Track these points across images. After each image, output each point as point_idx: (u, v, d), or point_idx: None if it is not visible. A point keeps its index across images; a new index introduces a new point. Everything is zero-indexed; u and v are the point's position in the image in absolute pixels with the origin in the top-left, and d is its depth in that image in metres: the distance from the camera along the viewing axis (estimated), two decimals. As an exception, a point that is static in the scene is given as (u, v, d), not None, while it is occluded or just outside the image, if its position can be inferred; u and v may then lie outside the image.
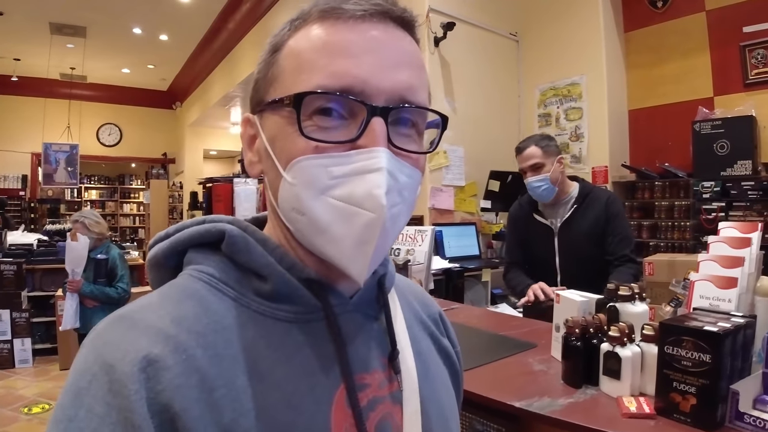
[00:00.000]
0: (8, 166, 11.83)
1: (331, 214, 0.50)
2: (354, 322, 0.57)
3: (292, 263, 0.55)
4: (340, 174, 0.50)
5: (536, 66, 4.77)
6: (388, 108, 0.51)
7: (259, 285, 0.54)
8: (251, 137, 0.60)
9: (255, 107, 0.58)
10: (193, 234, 0.57)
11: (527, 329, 1.75)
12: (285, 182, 0.52)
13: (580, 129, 4.43)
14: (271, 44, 0.57)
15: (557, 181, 2.34)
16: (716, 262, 1.31)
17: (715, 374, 0.97)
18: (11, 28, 8.89)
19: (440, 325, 0.75)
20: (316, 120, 0.51)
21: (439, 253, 3.78)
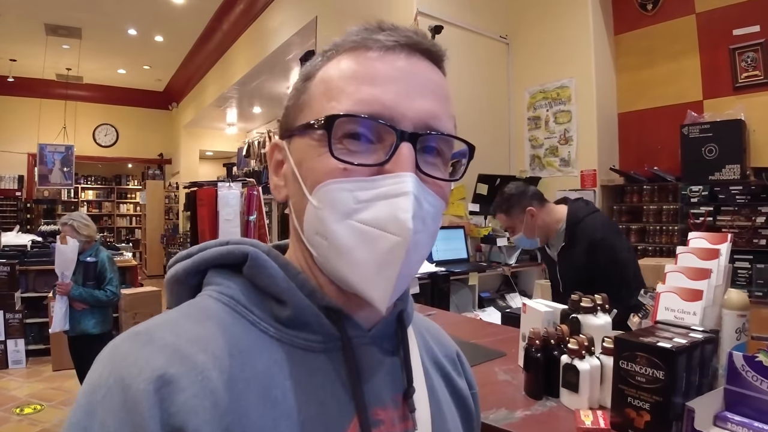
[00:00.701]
0: (4, 167, 11.83)
1: (354, 237, 0.50)
2: (371, 356, 0.57)
3: (313, 290, 0.55)
4: (366, 198, 0.50)
5: (526, 68, 4.76)
6: (417, 134, 0.52)
7: (278, 310, 0.54)
8: (278, 162, 0.60)
9: (284, 133, 0.59)
10: (215, 254, 0.58)
11: (501, 337, 1.74)
12: (310, 206, 0.53)
13: (569, 132, 4.42)
14: (304, 73, 0.58)
15: (534, 231, 2.37)
16: (683, 274, 1.30)
17: (668, 391, 0.96)
18: (6, 29, 8.89)
19: (457, 365, 0.75)
20: (346, 143, 0.52)
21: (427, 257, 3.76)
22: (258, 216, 2.96)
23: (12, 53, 10.29)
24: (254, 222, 2.89)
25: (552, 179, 4.50)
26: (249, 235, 2.90)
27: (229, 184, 2.91)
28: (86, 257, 3.62)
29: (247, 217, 2.89)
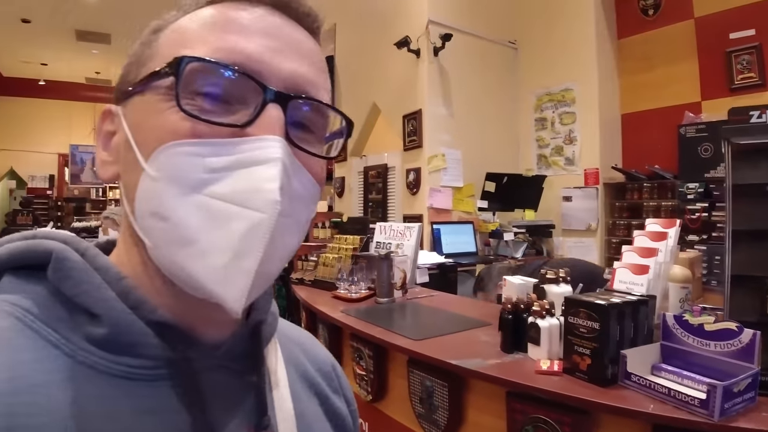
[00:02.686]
0: (36, 167, 12.34)
1: (203, 216, 0.39)
2: (219, 382, 0.45)
3: (140, 301, 0.42)
4: (220, 165, 0.40)
5: (533, 72, 5.00)
6: (289, 95, 0.42)
7: (91, 328, 0.41)
8: (108, 134, 0.47)
9: (119, 96, 0.47)
10: (12, 252, 0.44)
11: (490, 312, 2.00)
12: (145, 177, 0.41)
13: (573, 133, 4.65)
14: (151, 28, 0.47)
15: None
16: (635, 252, 1.56)
17: (603, 339, 1.22)
18: (37, 35, 9.33)
19: (333, 380, 0.64)
20: (199, 101, 0.41)
21: (436, 250, 4.03)
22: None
23: (43, 58, 10.75)
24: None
25: (557, 177, 4.74)
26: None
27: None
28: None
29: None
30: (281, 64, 0.43)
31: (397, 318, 2.02)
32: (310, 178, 0.44)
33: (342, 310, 2.06)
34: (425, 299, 2.31)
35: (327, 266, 2.61)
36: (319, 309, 2.12)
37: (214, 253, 0.38)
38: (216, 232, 0.39)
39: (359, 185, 5.35)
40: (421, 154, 4.34)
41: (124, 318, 0.41)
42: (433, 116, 4.35)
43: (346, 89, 5.71)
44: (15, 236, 0.46)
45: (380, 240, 2.74)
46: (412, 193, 4.43)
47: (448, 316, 1.96)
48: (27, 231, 0.48)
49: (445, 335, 1.66)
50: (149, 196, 0.40)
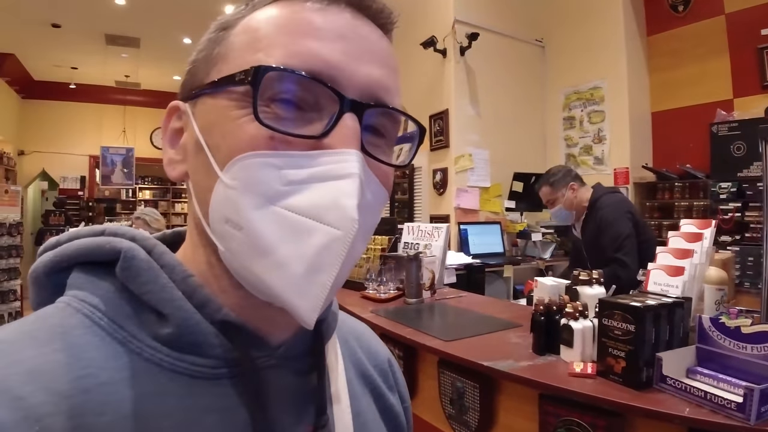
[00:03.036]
0: (67, 168, 12.63)
1: (280, 228, 0.39)
2: (280, 381, 0.46)
3: (206, 300, 0.43)
4: (298, 179, 0.39)
5: (561, 71, 4.95)
6: (365, 104, 0.42)
7: (157, 326, 0.41)
8: (176, 131, 0.47)
9: (188, 94, 0.46)
10: (80, 248, 0.44)
11: (521, 313, 1.99)
12: (220, 185, 0.41)
13: (603, 131, 4.59)
14: (219, 24, 0.46)
15: (572, 206, 2.72)
16: (670, 254, 1.54)
17: (638, 342, 1.21)
18: (67, 40, 9.55)
19: (389, 376, 0.63)
20: (274, 108, 0.40)
21: (463, 250, 4.02)
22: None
23: (73, 62, 11.00)
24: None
25: (586, 177, 4.59)
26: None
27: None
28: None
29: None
30: (358, 70, 0.42)
31: (426, 318, 2.03)
32: (380, 186, 0.44)
33: (371, 311, 2.08)
34: (454, 300, 2.31)
35: (355, 266, 2.64)
36: (348, 309, 2.14)
37: (290, 266, 0.38)
38: (293, 245, 0.39)
39: (385, 185, 5.36)
40: (448, 154, 4.34)
41: (190, 317, 0.42)
42: (460, 116, 4.34)
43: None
44: (84, 230, 0.47)
45: (408, 240, 2.75)
46: (438, 194, 4.43)
47: (477, 317, 1.96)
48: (96, 226, 0.48)
49: (475, 336, 1.66)
50: (224, 204, 0.41)
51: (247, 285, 0.42)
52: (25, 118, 12.39)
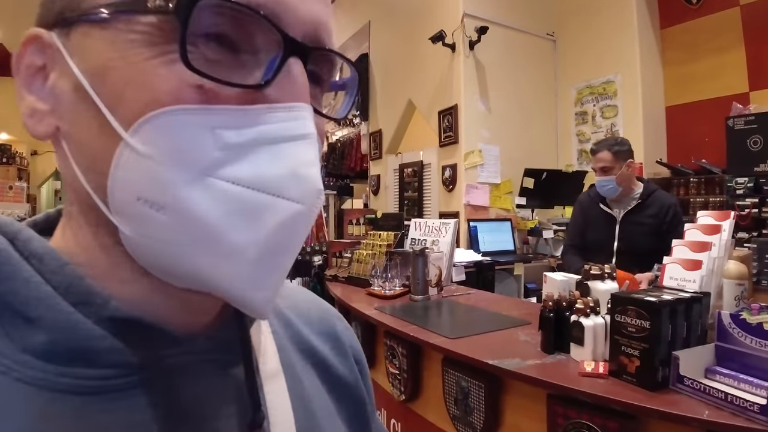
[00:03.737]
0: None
1: (223, 207, 0.30)
2: (202, 380, 0.37)
3: (88, 293, 0.33)
4: (239, 142, 0.31)
5: (573, 65, 4.85)
6: (309, 47, 0.34)
7: (27, 334, 0.31)
8: (37, 70, 0.34)
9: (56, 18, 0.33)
10: None
11: (529, 310, 1.92)
12: (127, 151, 0.30)
13: (616, 126, 4.49)
14: None
15: (623, 182, 2.57)
16: (687, 247, 1.46)
17: (654, 339, 1.14)
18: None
19: (338, 340, 0.54)
20: (203, 48, 0.31)
21: (473, 247, 3.95)
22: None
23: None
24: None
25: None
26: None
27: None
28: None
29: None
30: (303, 6, 0.33)
31: (432, 316, 1.97)
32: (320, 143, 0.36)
33: (376, 307, 2.02)
34: (461, 297, 2.25)
35: (361, 263, 2.58)
36: (353, 306, 2.09)
37: (242, 254, 0.30)
38: (243, 227, 0.30)
39: (395, 183, 5.30)
40: (458, 150, 4.26)
41: (66, 318, 0.31)
42: (470, 111, 4.27)
43: (382, 87, 5.67)
44: None
45: (415, 236, 2.69)
46: (448, 190, 4.36)
47: (485, 315, 1.89)
48: None
49: (482, 334, 1.59)
50: (136, 177, 0.30)
51: (163, 274, 0.33)
52: (38, 119, 12.49)
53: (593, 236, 2.70)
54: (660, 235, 2.44)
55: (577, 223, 2.85)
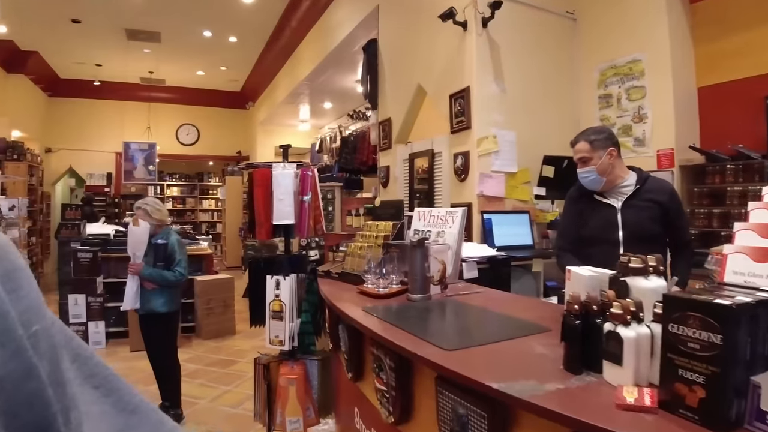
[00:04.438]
0: (94, 165, 12.72)
1: None
2: None
3: None
4: None
5: (595, 45, 4.47)
6: None
7: None
8: None
9: None
10: None
11: (549, 314, 1.58)
12: None
13: (643, 109, 4.10)
14: None
15: (605, 172, 2.45)
16: (755, 231, 1.11)
17: (727, 361, 0.80)
18: (89, 36, 9.50)
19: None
20: None
21: (487, 242, 3.62)
22: (313, 196, 2.93)
23: (97, 58, 10.99)
24: (309, 202, 2.87)
25: (626, 160, 4.14)
26: (303, 215, 2.88)
27: (284, 164, 2.90)
28: (157, 239, 3.77)
29: (301, 196, 2.87)
30: None
31: (429, 319, 1.64)
32: None
33: (365, 309, 1.70)
34: (468, 297, 1.91)
35: (355, 257, 2.26)
36: (337, 306, 1.77)
37: None
38: None
39: (405, 174, 4.97)
40: (470, 136, 3.92)
41: None
42: (483, 94, 3.92)
43: (390, 74, 5.34)
44: None
45: (418, 227, 2.36)
46: (460, 180, 4.01)
47: (494, 319, 1.56)
48: None
49: (487, 344, 1.26)
50: None
51: None
52: (51, 116, 12.50)
53: (593, 229, 2.51)
54: (665, 222, 2.37)
55: (571, 220, 2.65)
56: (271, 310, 2.86)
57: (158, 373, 3.85)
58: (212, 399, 4.29)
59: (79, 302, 5.81)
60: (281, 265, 2.87)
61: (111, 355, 5.54)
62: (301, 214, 2.94)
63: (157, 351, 3.82)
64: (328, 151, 9.68)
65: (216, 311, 6.44)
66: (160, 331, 3.78)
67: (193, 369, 5.12)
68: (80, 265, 5.81)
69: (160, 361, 3.83)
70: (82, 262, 5.81)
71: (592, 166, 2.44)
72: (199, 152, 14.19)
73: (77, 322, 5.78)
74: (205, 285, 6.39)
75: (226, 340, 6.26)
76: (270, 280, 2.86)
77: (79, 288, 5.79)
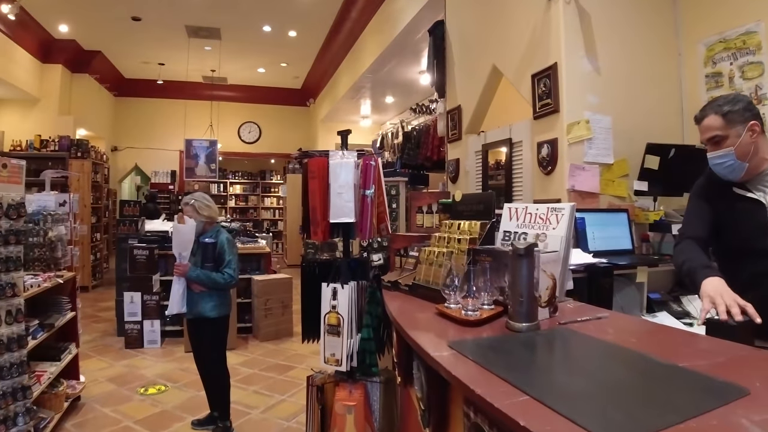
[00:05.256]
0: (159, 163, 12.92)
1: None
2: None
3: None
4: None
5: (699, 15, 3.80)
6: None
7: None
8: None
9: None
10: None
11: (723, 358, 1.07)
12: None
13: (762, 89, 3.42)
14: None
15: (748, 155, 1.80)
16: None
17: None
18: (151, 33, 9.53)
19: None
20: None
21: (580, 245, 3.08)
22: (377, 191, 2.49)
23: (159, 58, 11.08)
24: (371, 197, 2.43)
25: (744, 149, 3.52)
26: (365, 212, 2.45)
27: (342, 153, 2.47)
28: (205, 238, 3.48)
29: (363, 190, 2.44)
30: None
31: (555, 368, 1.12)
32: None
33: (452, 345, 1.22)
34: (590, 325, 1.39)
35: (432, 265, 1.80)
36: (412, 336, 1.30)
37: None
38: None
39: (477, 167, 4.45)
40: (558, 121, 3.36)
41: None
42: (573, 72, 3.36)
43: (460, 56, 4.84)
44: None
45: (510, 229, 1.88)
46: (545, 173, 3.47)
47: (653, 369, 1.03)
48: None
49: (673, 427, 0.76)
50: None
51: None
52: (118, 115, 12.80)
53: (735, 235, 1.88)
54: None
55: (700, 211, 2.03)
56: (326, 324, 2.45)
57: (206, 381, 3.58)
58: (265, 409, 3.98)
59: (135, 300, 5.70)
60: (339, 271, 2.45)
61: (166, 355, 5.40)
62: (362, 212, 2.50)
63: (205, 358, 3.54)
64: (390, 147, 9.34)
65: (274, 312, 6.18)
66: (209, 337, 3.49)
67: (248, 374, 4.84)
68: (136, 262, 5.71)
69: (208, 369, 3.55)
70: (138, 259, 5.70)
71: (729, 147, 1.81)
72: (261, 150, 14.22)
73: (133, 320, 5.67)
74: (263, 284, 6.13)
75: (284, 342, 5.99)
76: (326, 288, 2.44)
77: (135, 285, 5.68)
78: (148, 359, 5.27)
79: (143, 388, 4.38)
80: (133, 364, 5.10)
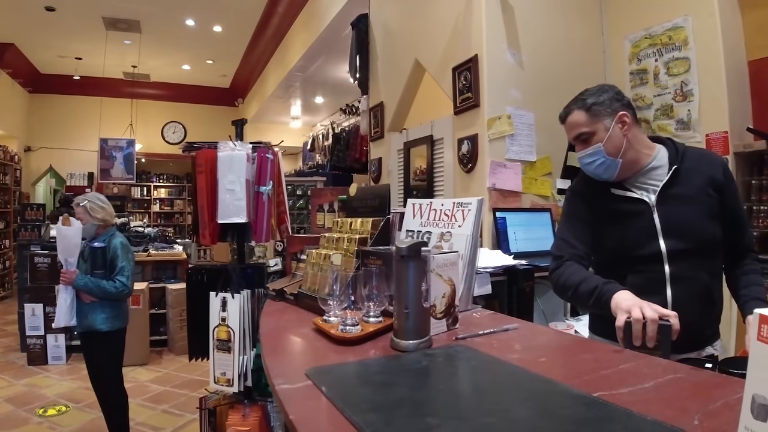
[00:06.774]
0: (75, 165, 12.07)
1: None
2: None
3: None
4: None
5: (625, 10, 3.75)
6: None
7: None
8: None
9: None
10: None
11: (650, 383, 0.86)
12: None
13: (688, 86, 3.38)
14: None
15: (620, 149, 1.62)
16: None
17: None
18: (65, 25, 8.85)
19: None
20: None
21: (501, 247, 2.91)
22: (276, 188, 2.19)
23: (77, 51, 10.33)
24: (268, 194, 2.13)
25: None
26: (260, 211, 2.15)
27: (233, 143, 2.16)
28: (95, 243, 3.10)
29: (258, 187, 2.13)
30: None
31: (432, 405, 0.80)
32: None
33: (308, 371, 0.91)
34: (495, 340, 1.16)
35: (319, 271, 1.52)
36: (265, 361, 1.01)
37: None
38: None
39: (399, 167, 4.24)
40: (479, 116, 3.19)
41: None
42: (495, 64, 3.19)
43: (383, 51, 4.62)
44: None
45: (412, 228, 1.63)
46: (466, 170, 3.28)
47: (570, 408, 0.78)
48: None
49: None
50: None
51: None
52: (33, 113, 11.85)
53: (617, 241, 1.67)
54: (721, 215, 1.61)
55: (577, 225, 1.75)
56: (215, 339, 2.13)
57: (101, 401, 3.21)
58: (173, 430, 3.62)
59: (37, 312, 5.17)
60: (229, 278, 2.14)
61: (71, 372, 4.92)
62: (257, 211, 2.20)
63: (98, 376, 3.17)
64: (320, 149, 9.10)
65: (191, 324, 5.73)
66: (101, 353, 3.14)
67: (159, 391, 4.43)
68: (37, 271, 5.20)
69: (102, 387, 3.17)
70: (40, 268, 5.20)
71: (597, 144, 1.63)
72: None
73: (35, 334, 5.12)
74: (178, 294, 5.68)
75: (202, 355, 5.57)
76: (214, 298, 2.12)
77: (37, 296, 5.17)
78: (52, 377, 4.82)
79: (42, 409, 3.99)
80: (34, 383, 4.64)
